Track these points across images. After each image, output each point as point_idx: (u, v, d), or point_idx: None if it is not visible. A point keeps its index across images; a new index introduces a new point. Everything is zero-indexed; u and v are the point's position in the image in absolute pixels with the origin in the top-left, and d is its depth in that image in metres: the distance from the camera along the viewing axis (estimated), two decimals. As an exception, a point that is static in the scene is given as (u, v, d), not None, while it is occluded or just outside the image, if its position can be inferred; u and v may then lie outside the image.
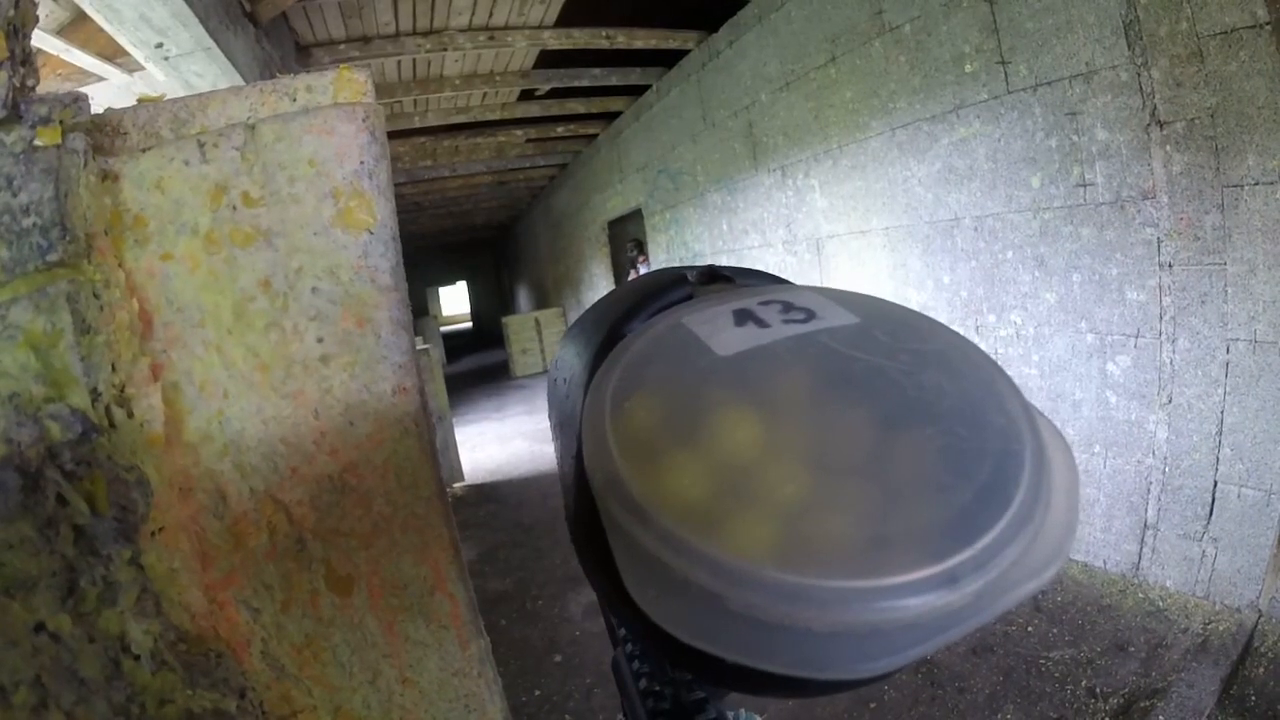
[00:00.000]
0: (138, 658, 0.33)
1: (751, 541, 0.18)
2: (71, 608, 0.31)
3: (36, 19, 0.42)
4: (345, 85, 0.44)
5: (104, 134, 0.41)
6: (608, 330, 0.30)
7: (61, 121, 0.35)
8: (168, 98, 0.44)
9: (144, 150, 0.38)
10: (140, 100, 0.45)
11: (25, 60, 0.40)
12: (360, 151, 0.40)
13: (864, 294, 0.29)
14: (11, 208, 0.32)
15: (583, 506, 0.24)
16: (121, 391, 0.34)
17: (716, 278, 0.33)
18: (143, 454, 0.35)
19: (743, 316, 0.26)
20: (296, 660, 0.39)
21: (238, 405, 0.38)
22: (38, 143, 0.34)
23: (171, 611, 0.35)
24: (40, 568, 0.30)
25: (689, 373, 0.24)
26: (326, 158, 0.39)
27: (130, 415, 0.35)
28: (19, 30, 0.41)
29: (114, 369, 0.34)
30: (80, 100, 0.37)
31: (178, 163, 0.38)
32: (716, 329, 0.26)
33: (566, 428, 0.28)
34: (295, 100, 0.43)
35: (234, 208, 0.38)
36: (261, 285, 0.38)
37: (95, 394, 0.33)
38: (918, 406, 0.22)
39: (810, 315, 0.26)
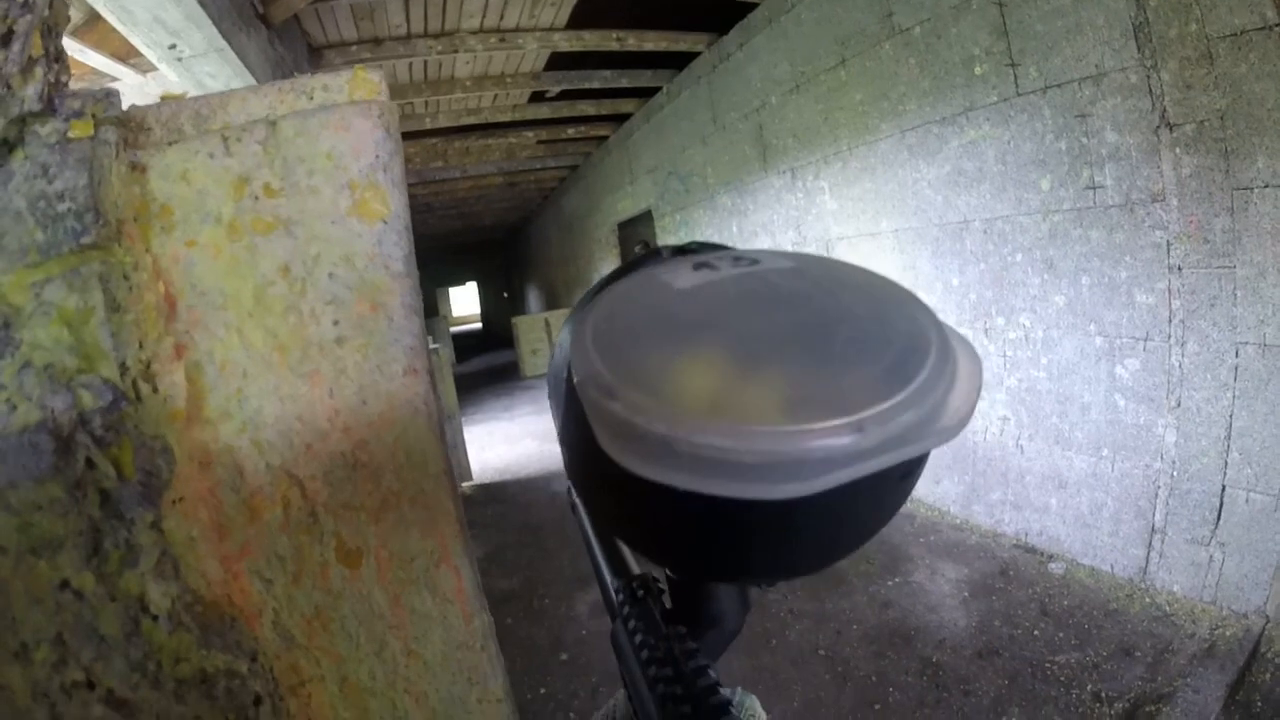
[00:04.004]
0: (156, 618, 0.35)
1: (696, 400, 0.23)
2: (95, 567, 0.33)
3: (68, 19, 0.44)
4: (360, 85, 0.46)
5: (129, 129, 0.43)
6: (594, 294, 0.36)
7: (94, 115, 0.38)
8: (190, 95, 0.46)
9: (170, 144, 0.40)
10: (164, 97, 0.47)
11: (58, 57, 0.43)
12: (375, 146, 0.42)
13: (808, 253, 0.35)
14: (47, 194, 0.35)
15: (571, 411, 0.29)
16: (147, 368, 0.37)
17: (687, 251, 0.39)
18: (166, 427, 0.37)
19: (700, 265, 0.32)
20: (306, 631, 0.41)
21: (256, 384, 0.40)
22: (71, 135, 0.36)
23: (189, 576, 0.37)
24: (67, 528, 0.32)
25: (650, 299, 0.31)
26: (343, 152, 0.42)
27: (155, 390, 0.37)
28: (52, 29, 0.43)
29: (141, 346, 0.36)
30: (111, 95, 0.39)
31: (202, 156, 0.40)
32: (678, 275, 0.32)
33: (560, 375, 0.33)
34: (313, 99, 0.45)
35: (255, 198, 0.40)
36: (281, 271, 0.40)
37: (124, 368, 0.35)
38: (834, 315, 0.28)
39: (755, 262, 0.32)
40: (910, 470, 0.28)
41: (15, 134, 0.36)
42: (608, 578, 0.47)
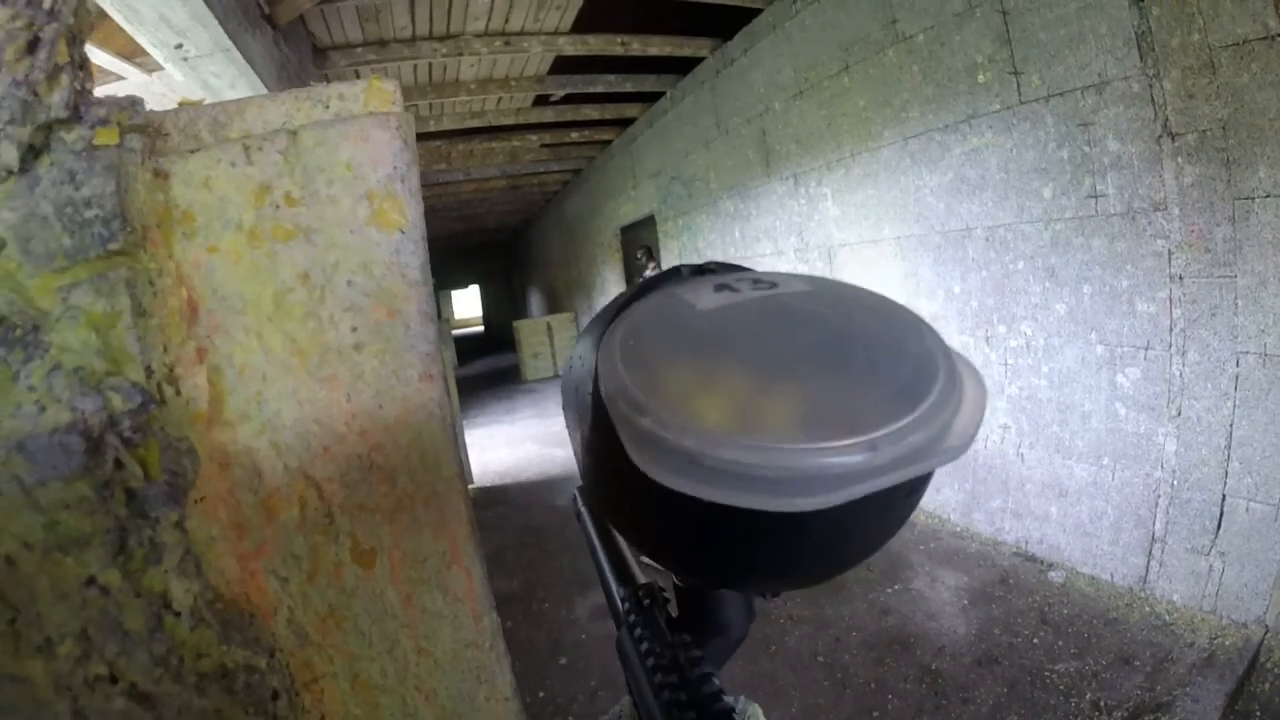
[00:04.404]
0: (178, 614, 0.36)
1: (722, 417, 0.25)
2: (121, 564, 0.34)
3: (93, 26, 0.45)
4: (375, 94, 0.47)
5: (146, 134, 0.44)
6: (617, 311, 0.37)
7: (119, 123, 0.39)
8: (207, 102, 0.47)
9: (192, 151, 0.41)
10: (182, 103, 0.48)
11: (83, 65, 0.44)
12: (393, 157, 0.43)
13: (822, 276, 0.35)
14: (74, 200, 0.36)
15: (597, 423, 0.30)
16: (171, 371, 0.38)
17: (705, 270, 0.40)
18: (188, 429, 0.38)
19: (721, 287, 0.34)
20: (319, 629, 0.42)
21: (275, 388, 0.41)
22: (96, 142, 0.38)
23: (209, 574, 0.38)
24: (95, 526, 0.33)
25: (675, 318, 0.32)
26: (362, 162, 0.43)
27: (178, 393, 0.38)
28: (76, 36, 0.44)
29: (165, 350, 0.37)
30: (136, 104, 0.40)
31: (224, 164, 0.41)
32: (700, 295, 0.33)
33: (582, 388, 0.34)
34: (329, 107, 0.46)
35: (276, 206, 0.41)
36: (300, 278, 0.42)
37: (149, 371, 0.36)
38: (849, 336, 0.30)
39: (774, 285, 0.34)
40: (916, 487, 0.29)
41: (42, 140, 0.37)
42: (614, 586, 0.48)
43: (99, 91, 0.43)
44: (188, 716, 0.34)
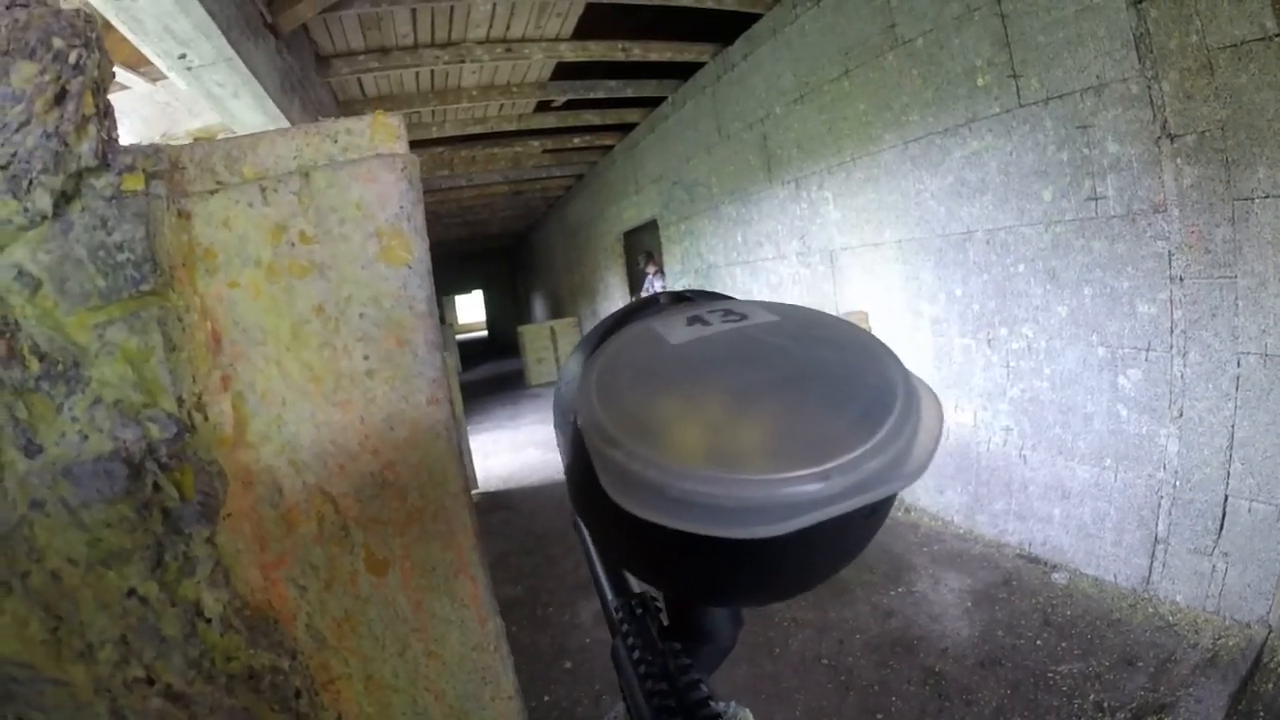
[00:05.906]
0: (209, 621, 0.39)
1: (684, 450, 0.27)
2: (158, 577, 0.37)
3: (113, 75, 0.48)
4: (381, 128, 0.50)
5: (168, 177, 0.47)
6: (599, 339, 0.40)
7: (144, 169, 0.42)
8: (221, 137, 0.50)
9: (211, 192, 0.44)
10: (196, 138, 0.51)
11: (107, 113, 0.47)
12: (400, 197, 0.47)
13: (794, 305, 0.38)
14: (107, 245, 0.39)
15: (577, 452, 0.32)
16: (199, 399, 0.41)
17: (683, 299, 0.43)
18: (215, 451, 0.41)
19: (693, 320, 0.36)
20: (336, 633, 0.45)
21: (294, 411, 0.44)
22: (124, 188, 0.41)
23: (237, 584, 0.41)
24: (135, 543, 0.36)
25: (648, 353, 0.34)
26: (371, 202, 0.46)
27: (206, 419, 0.41)
28: (101, 87, 0.48)
29: (194, 380, 0.41)
30: (160, 151, 0.44)
31: (242, 204, 0.44)
32: (672, 328, 0.35)
33: (568, 413, 0.37)
34: (336, 141, 0.49)
35: (292, 244, 0.45)
36: (315, 310, 0.45)
37: (180, 401, 0.39)
38: (810, 369, 0.32)
39: (743, 317, 0.36)
40: (878, 507, 0.31)
41: (73, 187, 0.41)
42: (609, 596, 0.51)
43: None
44: (219, 714, 0.37)
